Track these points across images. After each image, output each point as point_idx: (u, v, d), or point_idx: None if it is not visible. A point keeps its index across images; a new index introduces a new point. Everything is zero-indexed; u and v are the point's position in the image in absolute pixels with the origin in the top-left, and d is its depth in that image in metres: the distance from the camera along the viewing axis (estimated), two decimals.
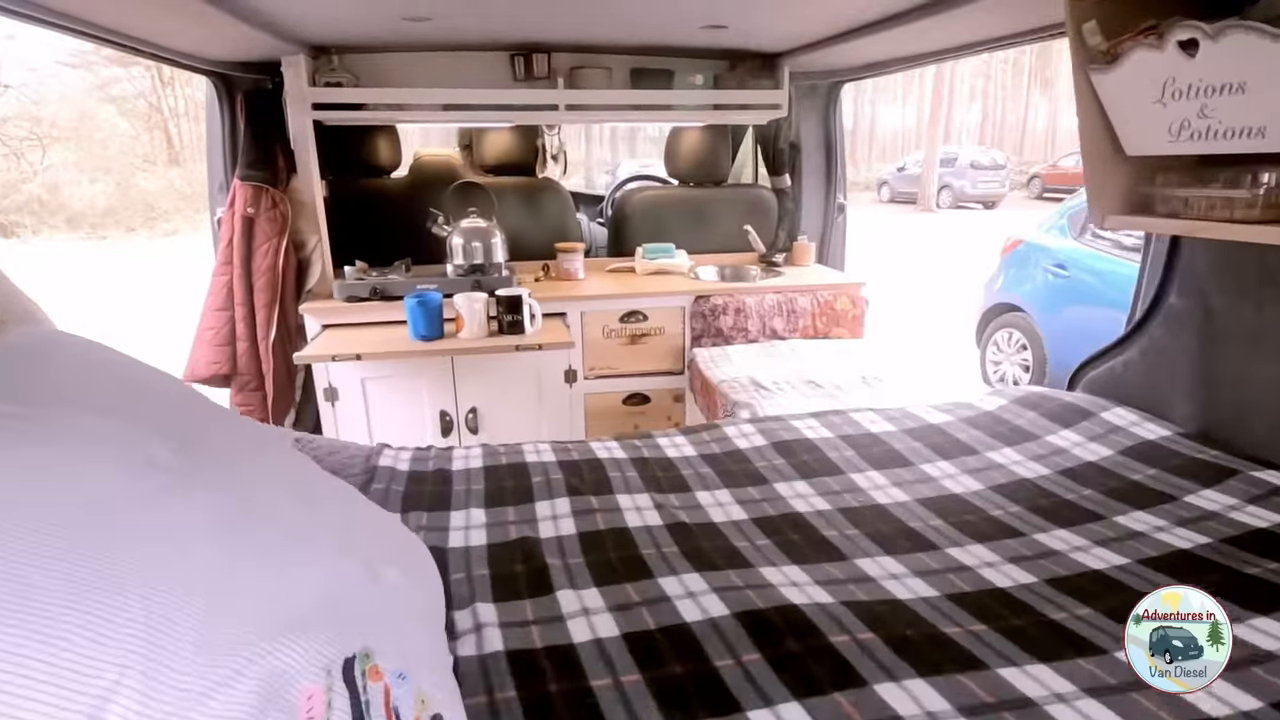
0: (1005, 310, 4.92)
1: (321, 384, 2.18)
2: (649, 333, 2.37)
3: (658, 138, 19.64)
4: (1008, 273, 4.90)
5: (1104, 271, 4.09)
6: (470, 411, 2.26)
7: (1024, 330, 4.74)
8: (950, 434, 1.41)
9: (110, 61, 14.35)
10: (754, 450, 1.37)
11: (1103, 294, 4.06)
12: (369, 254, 2.38)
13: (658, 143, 16.25)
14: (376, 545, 0.69)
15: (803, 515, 1.13)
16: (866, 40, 1.97)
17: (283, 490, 0.68)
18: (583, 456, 1.35)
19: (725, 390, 1.93)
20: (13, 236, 12.86)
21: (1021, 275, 4.76)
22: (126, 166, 15.52)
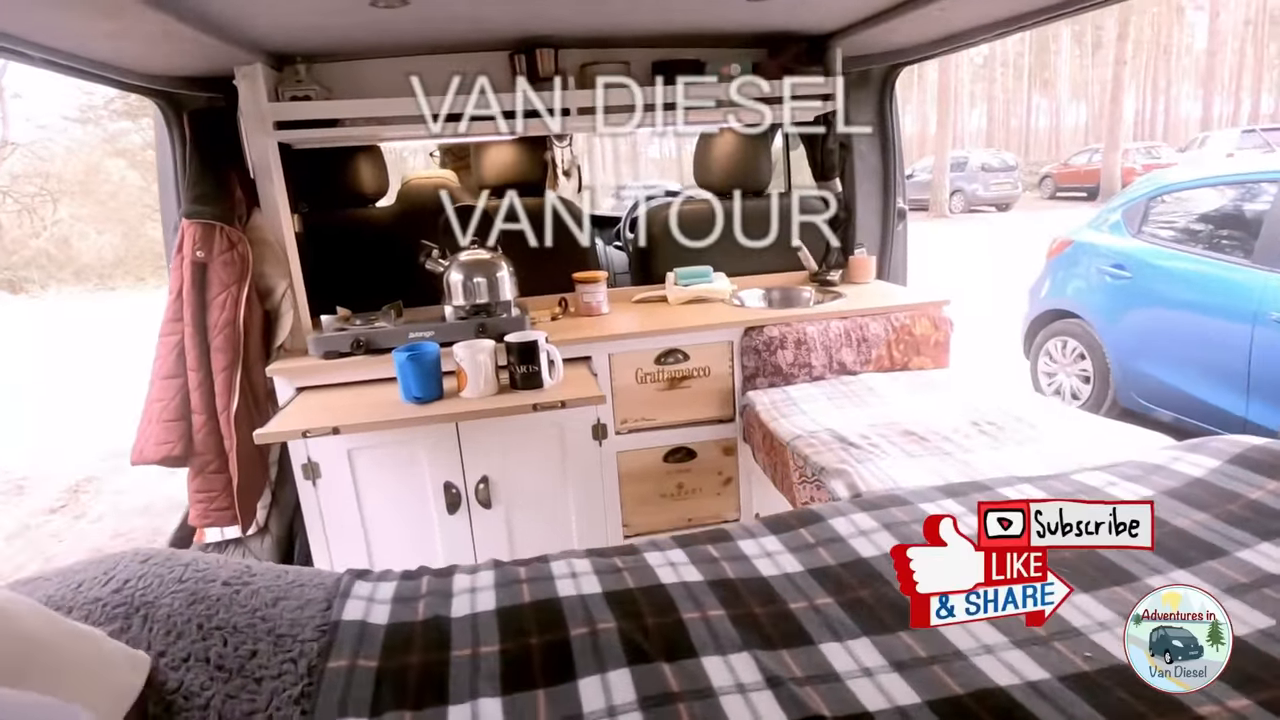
0: (1056, 317, 4.51)
1: (299, 459, 1.78)
2: (691, 374, 1.96)
3: (659, 159, 19.55)
4: (1055, 277, 4.49)
5: (1174, 271, 3.67)
6: (481, 482, 1.86)
7: (1080, 338, 4.31)
8: (1164, 520, 0.98)
9: (118, 115, 14.36)
10: (887, 561, 0.94)
11: (1173, 295, 3.64)
12: (352, 298, 1.99)
13: (660, 163, 16.18)
14: None
15: (1009, 693, 0.70)
16: (928, 10, 1.59)
17: None
18: (639, 582, 0.93)
19: (802, 449, 1.51)
20: (21, 293, 12.74)
21: (1073, 278, 4.36)
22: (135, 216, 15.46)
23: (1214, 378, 3.38)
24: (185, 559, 0.93)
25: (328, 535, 1.84)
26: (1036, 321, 4.65)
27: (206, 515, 1.78)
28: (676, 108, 1.97)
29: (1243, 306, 3.21)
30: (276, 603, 0.88)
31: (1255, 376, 3.20)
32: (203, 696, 0.71)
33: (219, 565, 0.93)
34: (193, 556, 0.94)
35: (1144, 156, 17.47)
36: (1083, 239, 4.33)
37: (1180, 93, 31.69)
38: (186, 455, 1.74)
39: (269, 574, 0.95)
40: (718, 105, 2.03)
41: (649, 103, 1.96)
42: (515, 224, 1.96)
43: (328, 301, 1.94)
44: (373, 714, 0.72)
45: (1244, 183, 3.53)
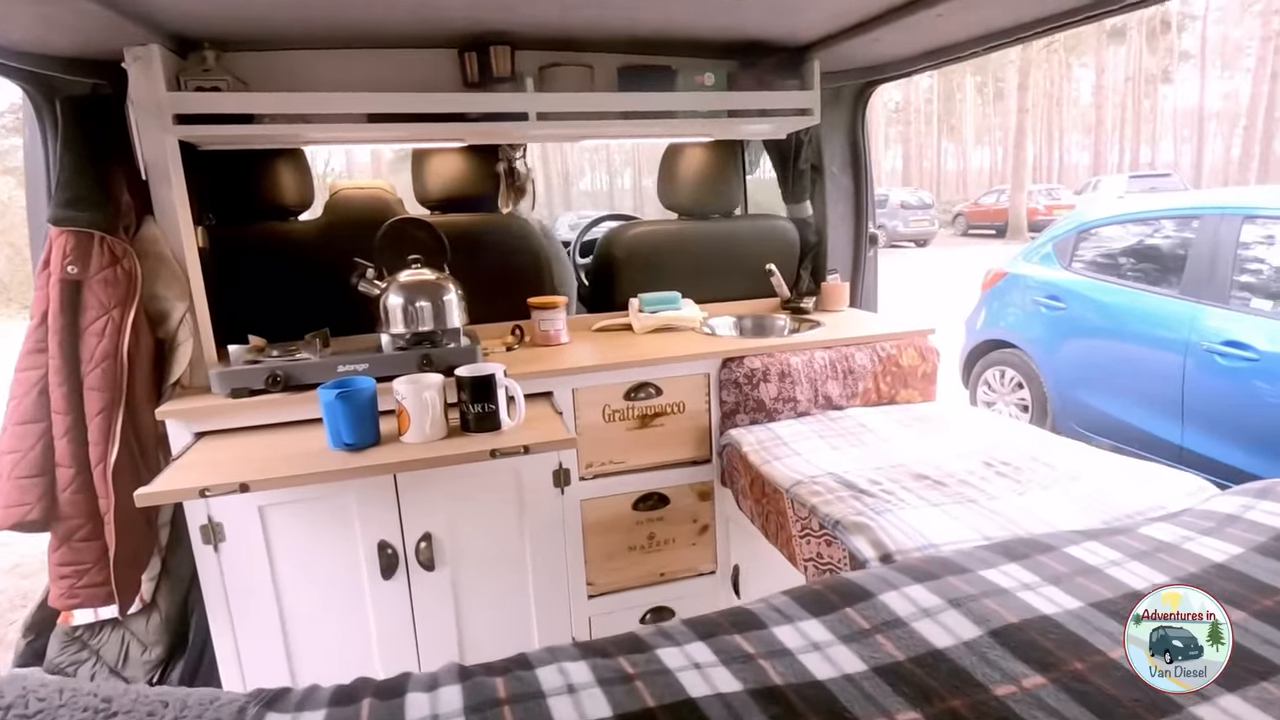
0: (993, 347, 4.61)
1: (197, 520, 1.46)
2: (664, 410, 1.75)
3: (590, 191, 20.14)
4: (991, 307, 4.60)
5: (1105, 302, 3.78)
6: (422, 540, 1.58)
7: (1018, 367, 4.40)
8: (1272, 585, 0.83)
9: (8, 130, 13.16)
10: (969, 652, 0.75)
11: (1106, 326, 3.75)
12: (268, 326, 1.70)
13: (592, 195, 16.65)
14: None
15: None
16: (922, 16, 1.48)
17: None
18: (661, 698, 0.70)
19: (805, 498, 1.31)
20: None
21: (1008, 309, 4.47)
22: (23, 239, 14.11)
23: (1149, 406, 3.45)
24: (8, 696, 0.64)
25: (232, 611, 1.52)
26: (974, 352, 4.72)
27: (73, 594, 1.42)
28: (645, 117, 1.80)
29: (1174, 337, 3.30)
30: None
31: (1189, 405, 3.27)
32: None
33: (60, 702, 0.65)
34: (20, 692, 0.65)
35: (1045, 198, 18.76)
36: (1017, 271, 4.43)
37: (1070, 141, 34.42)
38: (47, 520, 1.39)
39: (139, 708, 0.67)
40: (686, 116, 1.87)
41: (615, 110, 1.78)
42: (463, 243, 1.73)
43: (237, 329, 1.63)
44: None
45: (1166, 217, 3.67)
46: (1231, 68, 27.99)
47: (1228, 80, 28.63)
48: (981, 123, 35.38)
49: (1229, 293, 3.16)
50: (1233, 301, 3.14)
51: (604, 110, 1.77)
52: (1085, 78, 31.93)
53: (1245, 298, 3.12)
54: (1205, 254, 3.36)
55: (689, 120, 1.89)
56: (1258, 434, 2.91)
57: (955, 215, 20.90)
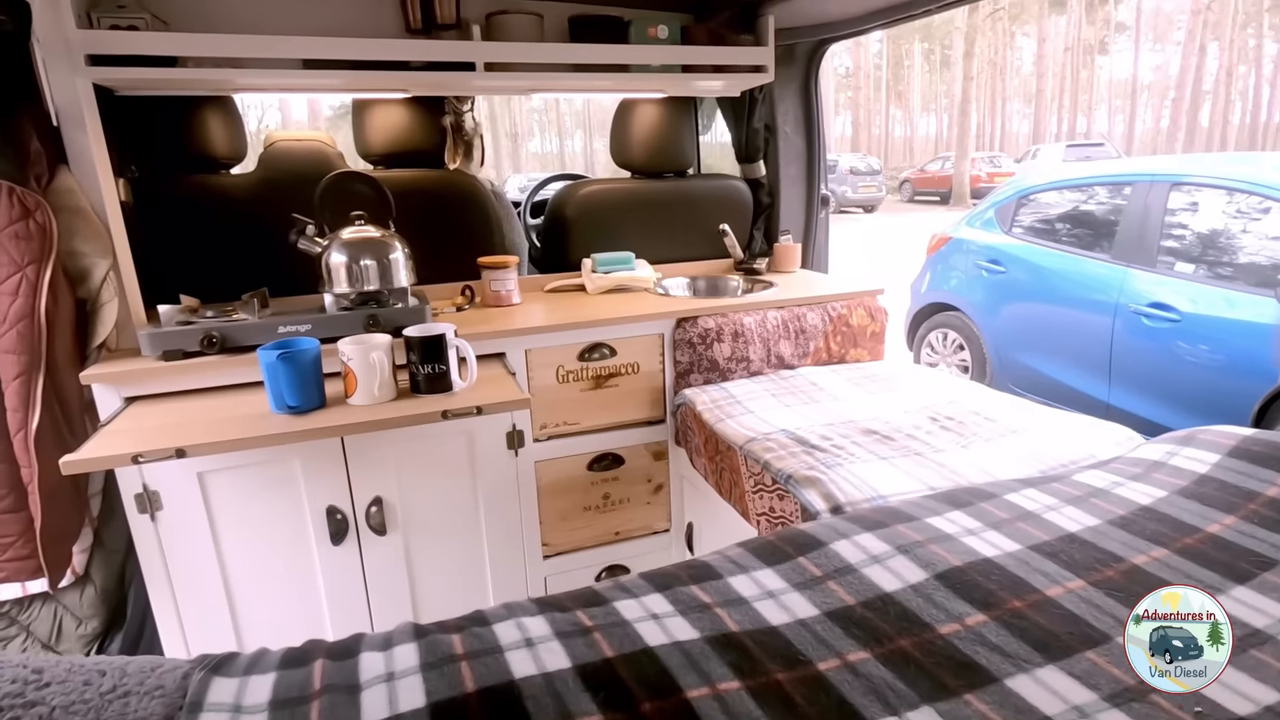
0: (937, 310, 4.74)
1: (131, 488, 1.40)
2: (619, 371, 1.75)
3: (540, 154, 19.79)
4: (935, 271, 4.71)
5: (1042, 266, 3.92)
6: (373, 504, 1.54)
7: (960, 329, 4.54)
8: (1194, 526, 0.88)
9: None
10: (914, 594, 0.78)
11: (1043, 289, 3.90)
12: (202, 285, 1.61)
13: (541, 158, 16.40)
14: None
15: None
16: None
17: None
18: (619, 648, 0.71)
19: (758, 454, 1.33)
20: None
21: (951, 273, 4.58)
22: None
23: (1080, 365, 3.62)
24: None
25: (173, 581, 1.46)
26: (919, 315, 4.84)
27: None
28: (596, 70, 1.75)
29: (1105, 299, 3.44)
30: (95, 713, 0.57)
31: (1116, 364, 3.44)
32: None
33: (22, 670, 0.61)
34: None
35: (988, 165, 19.22)
36: (960, 236, 4.54)
37: (1012, 110, 35.22)
38: None
39: (72, 680, 0.64)
40: (640, 71, 1.83)
41: (566, 62, 1.72)
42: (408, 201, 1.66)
43: (168, 289, 1.55)
44: None
45: (1101, 184, 3.80)
46: (1163, 40, 28.98)
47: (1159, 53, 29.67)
48: (928, 90, 35.87)
49: (1156, 257, 3.30)
50: (1159, 265, 3.29)
51: (554, 62, 1.71)
52: (1027, 46, 32.59)
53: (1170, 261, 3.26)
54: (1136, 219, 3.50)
55: (642, 75, 1.85)
56: (1177, 391, 3.09)
57: (902, 182, 21.26)
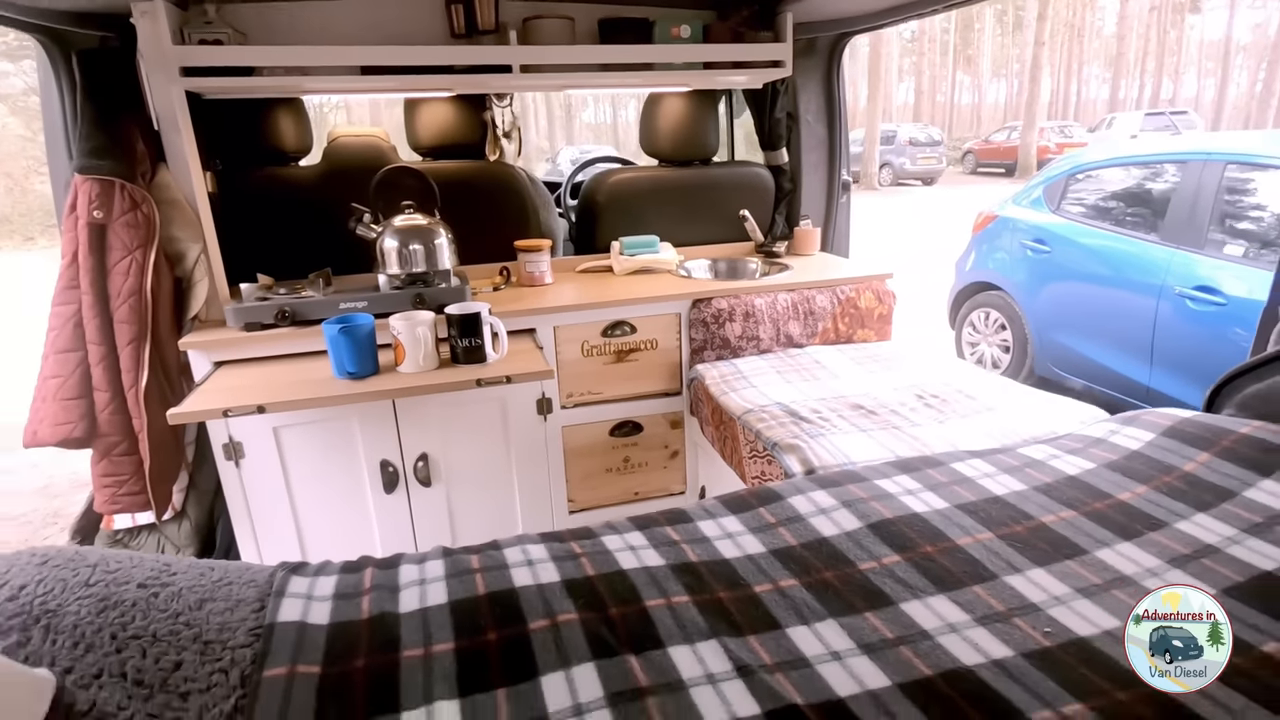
0: (980, 289, 4.70)
1: (219, 439, 1.65)
2: (638, 347, 1.92)
3: (594, 124, 19.55)
4: (980, 249, 4.66)
5: (1088, 246, 3.86)
6: (420, 459, 1.77)
7: (1002, 309, 4.51)
8: (1107, 493, 1.01)
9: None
10: (848, 539, 0.94)
11: (1087, 270, 3.85)
12: (275, 265, 1.85)
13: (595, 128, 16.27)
14: None
15: (976, 674, 0.71)
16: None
17: None
18: (600, 569, 0.90)
19: (753, 424, 1.50)
20: None
21: (996, 251, 4.54)
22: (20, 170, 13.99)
23: (1122, 348, 3.59)
24: (92, 559, 0.83)
25: (253, 519, 1.73)
26: (962, 293, 4.82)
27: (115, 501, 1.63)
28: (623, 69, 1.89)
29: (1149, 281, 3.41)
30: (202, 605, 0.80)
31: (1158, 347, 3.41)
32: (119, 717, 0.64)
33: (133, 564, 0.84)
34: (101, 555, 0.84)
35: (1058, 135, 18.34)
36: (1006, 214, 4.49)
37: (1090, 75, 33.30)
38: (89, 436, 1.59)
39: (192, 572, 0.86)
40: (664, 68, 1.96)
41: (598, 62, 1.87)
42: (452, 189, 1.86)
43: (247, 268, 1.79)
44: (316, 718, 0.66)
45: (1152, 163, 3.72)
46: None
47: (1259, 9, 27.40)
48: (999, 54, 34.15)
49: (1205, 238, 3.24)
50: (1208, 247, 3.23)
51: (584, 62, 1.87)
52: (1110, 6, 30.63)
53: (1220, 242, 3.21)
54: (1187, 199, 3.43)
55: (666, 72, 1.99)
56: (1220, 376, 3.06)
57: (965, 153, 20.51)
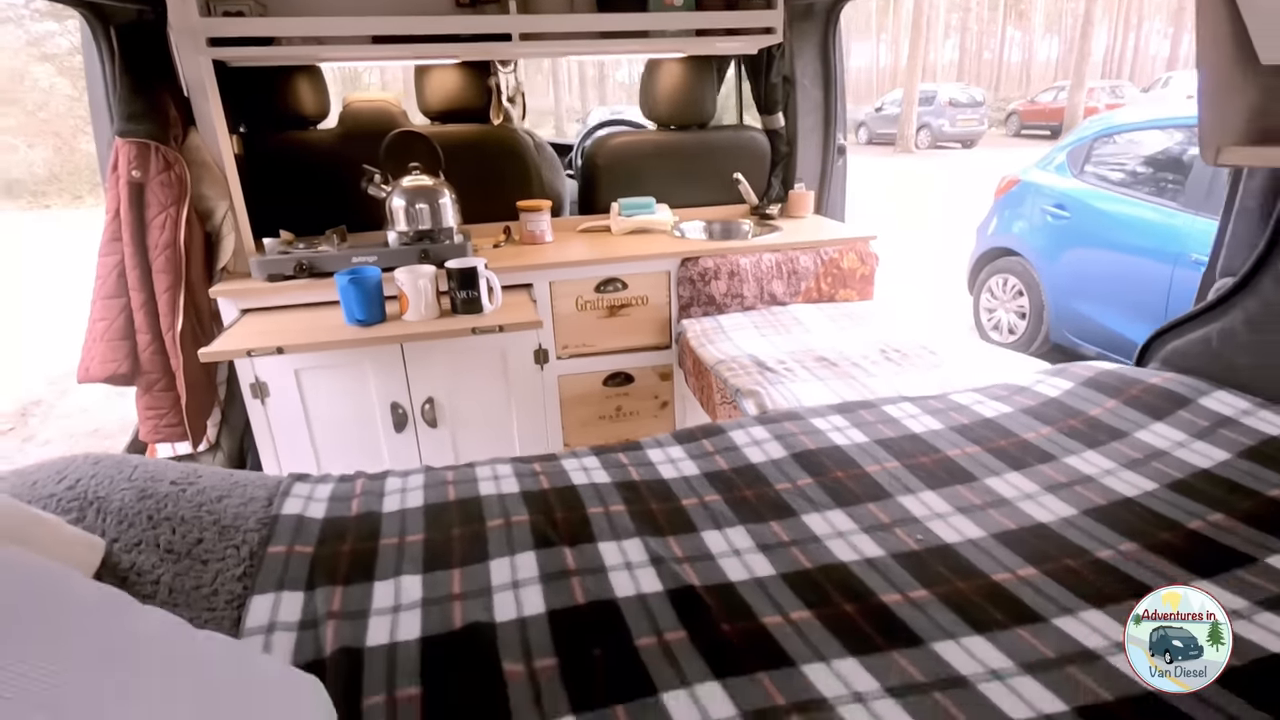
0: (1000, 255, 4.66)
1: (247, 379, 1.84)
2: (630, 303, 2.05)
3: (628, 84, 19.24)
4: (1002, 215, 4.62)
5: (1108, 212, 3.82)
6: (426, 403, 1.95)
7: (1020, 276, 4.48)
8: (1013, 432, 1.13)
9: (41, 14, 13.21)
10: (772, 466, 1.08)
11: (1106, 236, 3.81)
12: (295, 222, 2.01)
13: (629, 88, 15.98)
14: None
15: (848, 568, 0.84)
16: None
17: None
18: (554, 484, 1.05)
19: (723, 373, 1.63)
20: None
21: (1017, 217, 4.48)
22: (68, 130, 14.48)
23: (1137, 315, 3.58)
24: (134, 461, 1.01)
25: (278, 452, 1.93)
26: (982, 259, 4.79)
27: (157, 431, 1.84)
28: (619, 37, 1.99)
29: (1167, 248, 3.39)
30: (221, 499, 0.97)
31: (1172, 314, 3.40)
32: (154, 574, 0.81)
33: (167, 467, 1.02)
34: (141, 460, 1.02)
35: (1108, 95, 17.54)
36: (1029, 179, 4.44)
37: (1150, 29, 31.57)
38: (133, 373, 1.79)
39: (215, 476, 1.04)
40: (658, 35, 2.05)
41: (593, 30, 1.97)
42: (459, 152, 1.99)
43: (271, 224, 1.96)
44: (307, 588, 0.83)
45: (1174, 127, 3.66)
46: None
47: None
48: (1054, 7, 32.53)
49: None
50: None
51: (580, 30, 1.96)
52: None
53: None
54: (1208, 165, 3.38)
55: (661, 39, 2.07)
56: None
57: (1008, 114, 19.79)
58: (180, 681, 0.51)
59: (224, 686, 0.54)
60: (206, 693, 0.52)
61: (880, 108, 18.83)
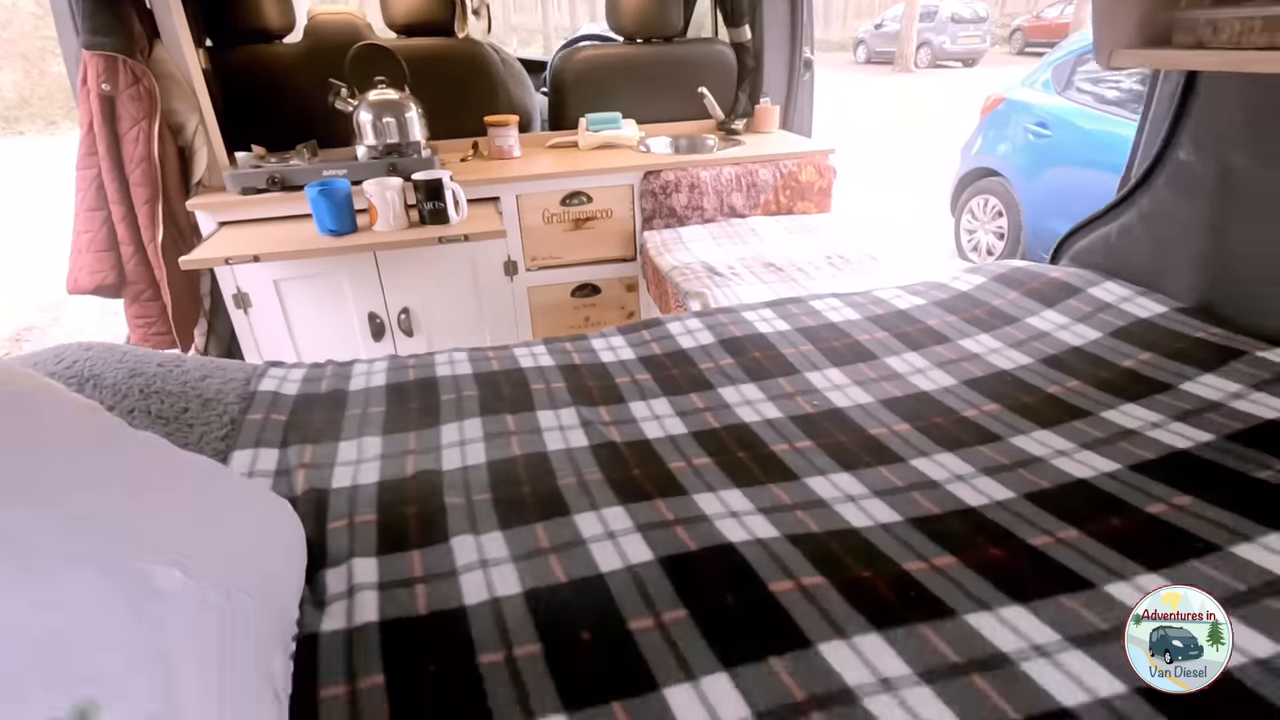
0: (983, 175, 4.64)
1: (229, 290, 1.94)
2: (595, 216, 2.13)
3: None
4: (987, 135, 4.58)
5: (1089, 130, 3.81)
6: (402, 312, 2.05)
7: (1001, 196, 4.49)
8: (920, 320, 1.25)
9: None
10: (699, 350, 1.20)
11: (1087, 155, 3.80)
12: (266, 138, 2.06)
13: None
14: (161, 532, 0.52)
15: (749, 426, 0.98)
16: None
17: (51, 464, 0.50)
18: (503, 367, 1.17)
19: (675, 278, 1.73)
20: None
21: (1001, 137, 4.45)
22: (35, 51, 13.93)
23: None
24: (124, 348, 1.12)
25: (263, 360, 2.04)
26: (965, 179, 4.75)
27: (146, 339, 1.95)
28: None
29: None
30: (204, 379, 1.09)
31: None
32: None
33: (153, 353, 1.13)
34: (130, 346, 1.13)
35: None
36: (1015, 97, 4.39)
37: None
38: (120, 284, 1.88)
39: (197, 361, 1.16)
40: None
41: None
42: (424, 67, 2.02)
43: (242, 139, 2.01)
44: (281, 446, 0.96)
45: None
46: None
47: None
48: None
49: None
50: None
51: None
52: None
53: None
54: None
55: None
56: None
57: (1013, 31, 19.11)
58: (180, 470, 0.64)
59: (215, 484, 0.67)
60: (202, 485, 0.65)
61: (880, 24, 18.16)
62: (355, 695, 0.59)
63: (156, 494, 0.58)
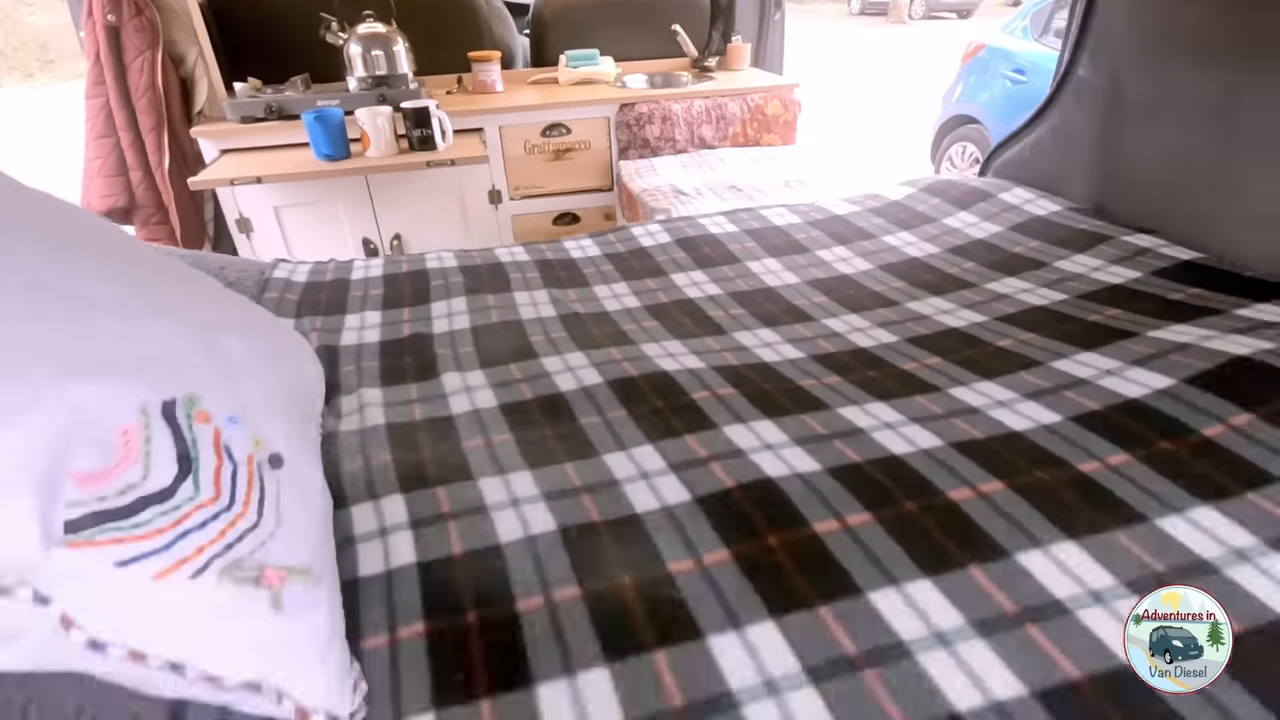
0: (962, 123, 4.72)
1: (232, 215, 2.09)
2: (574, 147, 2.27)
3: None
4: (967, 82, 4.64)
5: None
6: (395, 238, 2.21)
7: (979, 144, 4.58)
8: (853, 223, 1.42)
9: None
10: (657, 247, 1.37)
11: None
12: (262, 70, 2.18)
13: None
14: (218, 318, 0.69)
15: (693, 300, 1.15)
16: None
17: (113, 255, 0.66)
18: (486, 261, 1.34)
19: (645, 199, 1.89)
20: None
21: (981, 85, 4.51)
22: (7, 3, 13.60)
23: None
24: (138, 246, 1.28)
25: None
26: (944, 127, 4.82)
27: None
28: None
29: None
30: (222, 270, 1.25)
31: None
32: None
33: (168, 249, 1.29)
34: (154, 245, 1.29)
35: None
36: (995, 44, 4.45)
37: None
38: (131, 207, 2.02)
39: (213, 255, 1.32)
40: None
41: None
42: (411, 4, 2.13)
43: (240, 71, 2.13)
44: (295, 316, 1.13)
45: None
46: None
47: None
48: None
49: None
50: None
51: None
52: None
53: None
54: None
55: None
56: None
57: None
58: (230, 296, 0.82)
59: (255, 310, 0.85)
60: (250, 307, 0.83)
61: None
62: (369, 468, 0.77)
63: (215, 300, 0.76)
